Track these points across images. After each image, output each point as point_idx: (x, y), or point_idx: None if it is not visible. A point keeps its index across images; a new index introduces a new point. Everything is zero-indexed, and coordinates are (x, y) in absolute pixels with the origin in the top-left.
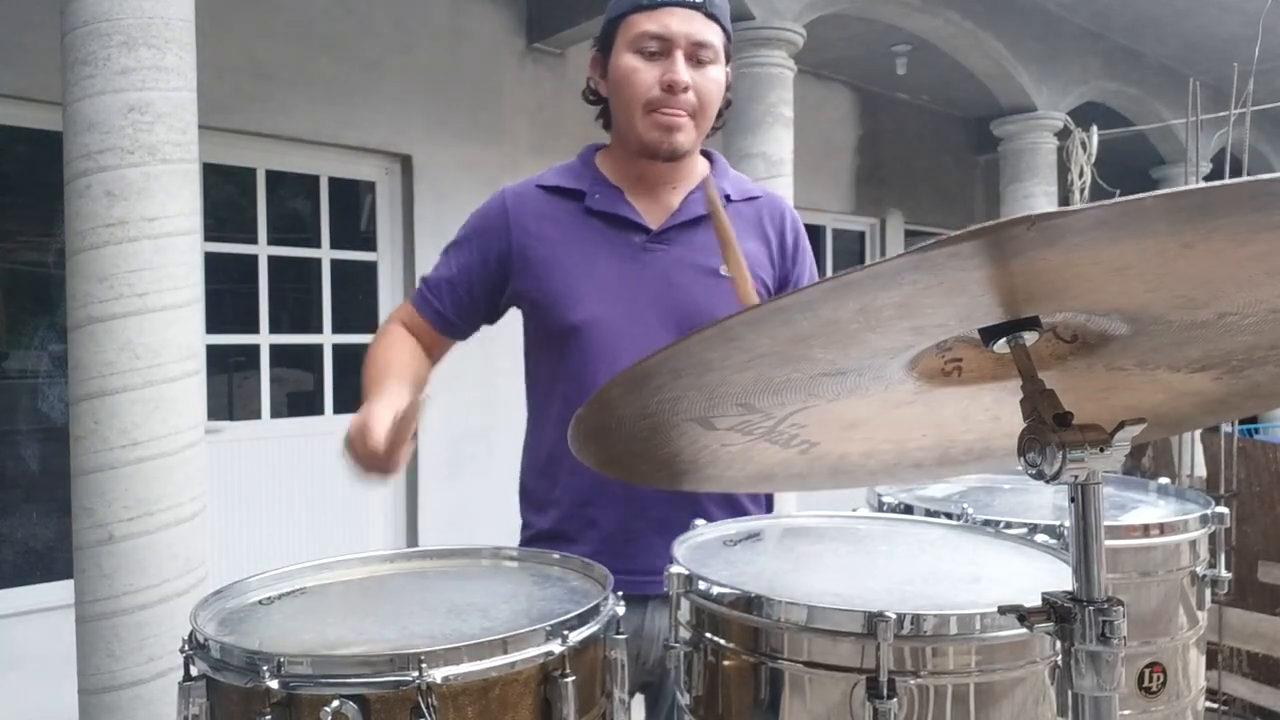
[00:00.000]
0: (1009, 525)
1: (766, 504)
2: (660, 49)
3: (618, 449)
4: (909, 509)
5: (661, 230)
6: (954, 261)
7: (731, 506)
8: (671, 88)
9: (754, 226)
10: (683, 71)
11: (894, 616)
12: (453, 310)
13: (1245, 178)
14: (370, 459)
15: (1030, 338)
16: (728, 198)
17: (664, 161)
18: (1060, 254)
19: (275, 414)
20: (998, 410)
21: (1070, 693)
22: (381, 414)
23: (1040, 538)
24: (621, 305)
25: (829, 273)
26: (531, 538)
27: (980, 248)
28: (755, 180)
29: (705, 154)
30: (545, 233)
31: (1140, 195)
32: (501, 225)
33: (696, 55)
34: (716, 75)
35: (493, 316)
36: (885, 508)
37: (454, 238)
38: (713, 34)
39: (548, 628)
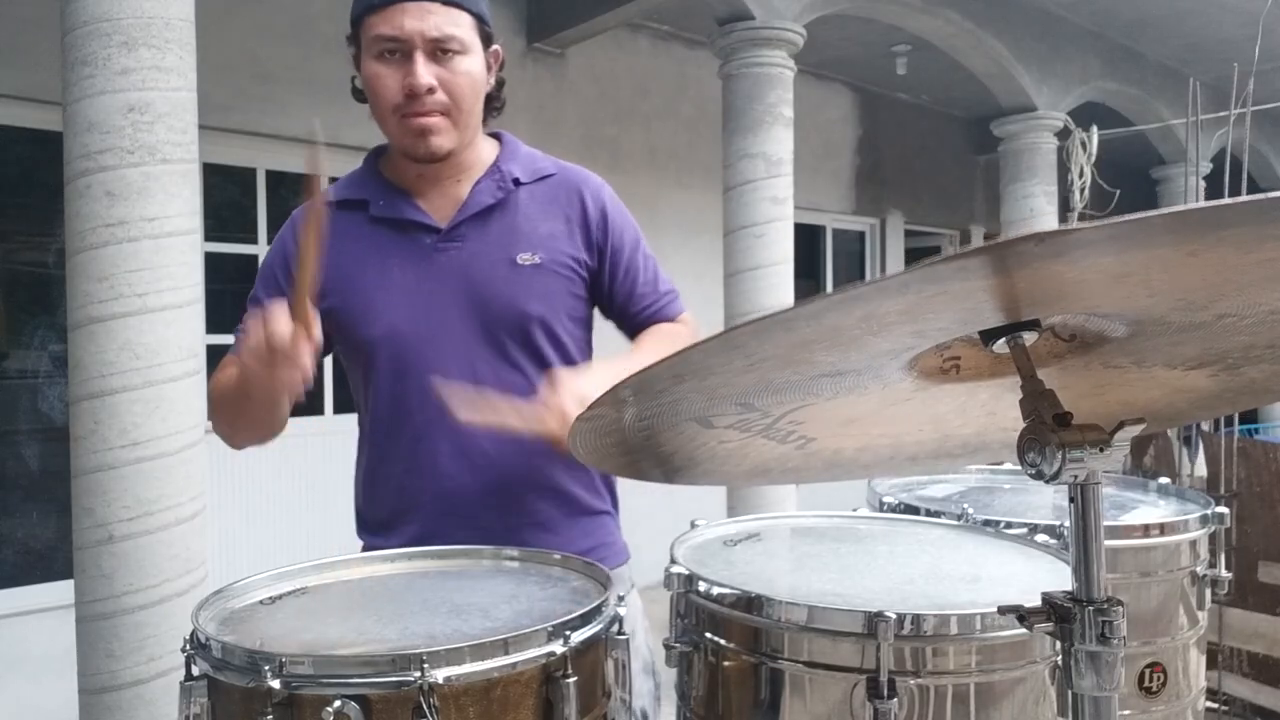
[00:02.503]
0: (1009, 525)
1: (609, 493)
2: (398, 49)
3: (615, 448)
4: (909, 509)
5: (451, 227)
6: (960, 274)
7: (569, 503)
8: (413, 93)
9: (548, 206)
10: (422, 74)
11: (894, 616)
12: None
13: (1255, 196)
14: (279, 350)
15: (1030, 338)
16: (517, 180)
17: (426, 164)
18: (1065, 265)
19: None
20: (994, 405)
21: (1070, 693)
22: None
23: (1040, 538)
24: (420, 311)
25: (829, 272)
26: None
27: (987, 261)
28: (752, 181)
29: (495, 135)
30: (335, 249)
31: (1149, 213)
32: (293, 250)
33: (439, 50)
34: (467, 67)
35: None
36: (885, 508)
37: (258, 277)
38: (455, 24)
39: (549, 628)
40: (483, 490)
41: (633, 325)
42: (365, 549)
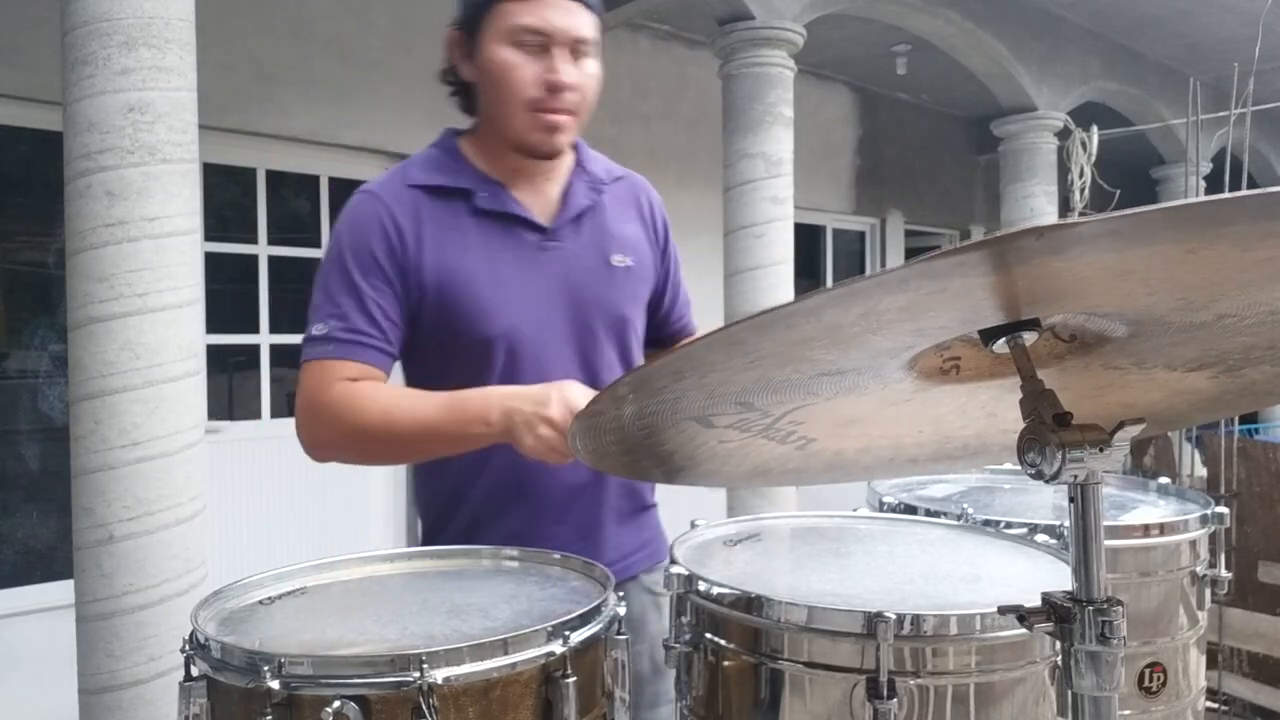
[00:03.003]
0: (1009, 525)
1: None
2: (539, 43)
3: (614, 446)
4: (909, 509)
5: (556, 227)
6: (960, 269)
7: (635, 497)
8: (556, 89)
9: (631, 206)
10: (569, 71)
11: (894, 616)
12: (396, 343)
13: (1256, 190)
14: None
15: (1030, 338)
16: (600, 180)
17: (542, 159)
18: (1065, 261)
19: (275, 414)
20: (994, 407)
21: (1070, 693)
22: (577, 392)
23: (1040, 538)
24: (531, 311)
25: (829, 272)
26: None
27: (987, 256)
28: (753, 181)
29: None
30: (439, 239)
31: (1148, 208)
32: (397, 233)
33: (578, 49)
34: (596, 70)
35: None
36: (885, 508)
37: (341, 265)
38: (591, 27)
39: (549, 628)
40: (575, 487)
41: (666, 335)
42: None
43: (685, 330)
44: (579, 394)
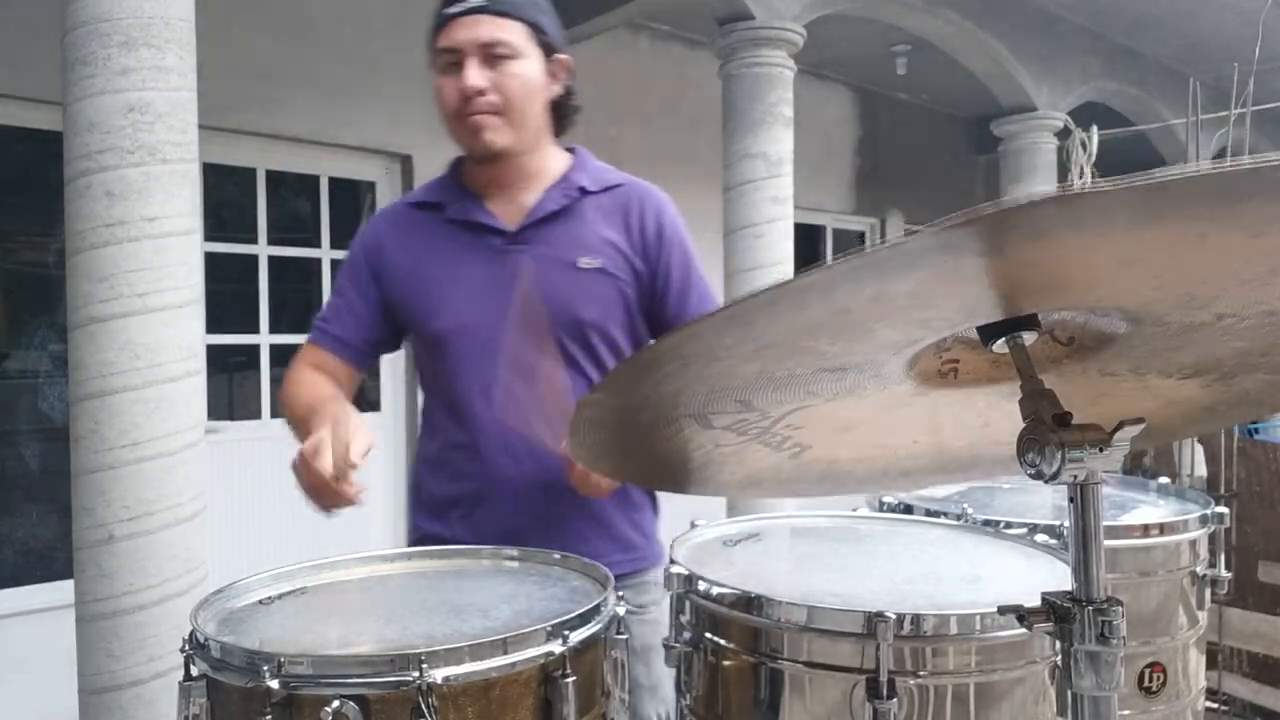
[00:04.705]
0: (1009, 525)
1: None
2: (454, 60)
3: (612, 445)
4: (909, 509)
5: (518, 230)
6: (973, 243)
7: (616, 495)
8: (465, 95)
9: (612, 215)
10: (471, 77)
11: (894, 616)
12: (356, 336)
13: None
14: (321, 487)
15: (1029, 338)
16: (583, 189)
17: (488, 162)
18: (1079, 238)
19: (275, 414)
20: (990, 415)
21: (1070, 693)
22: (329, 439)
23: (1040, 538)
24: (486, 309)
25: None
26: (419, 540)
27: (1005, 228)
28: (753, 181)
29: (570, 149)
30: (411, 246)
31: (1168, 174)
32: (376, 246)
33: (489, 55)
34: (519, 70)
35: (393, 341)
36: (885, 508)
37: (342, 268)
38: (507, 31)
39: (548, 628)
40: (537, 480)
41: None
42: (413, 537)
43: None
44: (324, 435)
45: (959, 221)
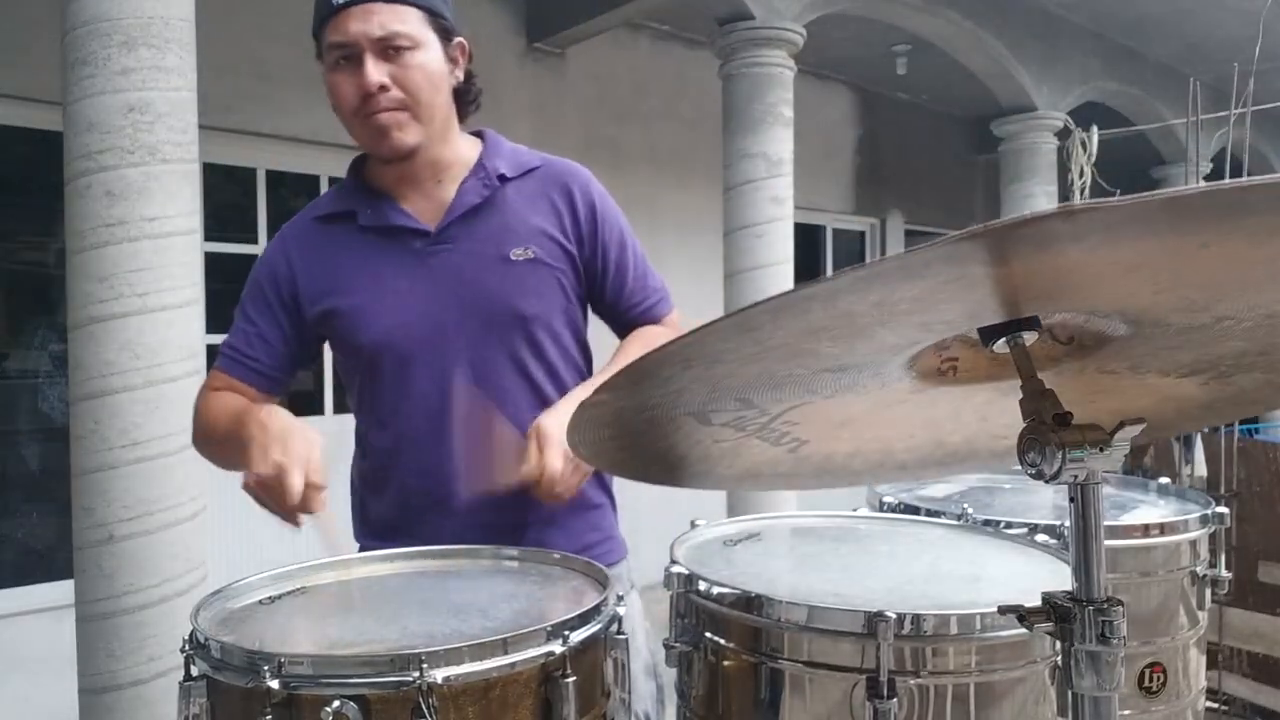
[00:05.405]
0: (1009, 525)
1: (605, 487)
2: (350, 54)
3: (611, 442)
4: (909, 509)
5: (440, 229)
6: (979, 254)
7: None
8: (367, 94)
9: (537, 200)
10: (371, 73)
11: (894, 616)
12: (269, 364)
13: None
14: (290, 507)
15: (1030, 338)
16: (502, 176)
17: (398, 162)
18: (1083, 249)
19: None
20: (987, 410)
21: (1070, 693)
22: (287, 461)
23: (1040, 538)
24: (415, 316)
25: (829, 272)
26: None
27: (1011, 241)
28: (753, 181)
29: (478, 133)
30: (326, 263)
31: (1179, 190)
32: (285, 267)
33: (388, 48)
34: (419, 60)
35: (306, 360)
36: (885, 508)
37: (244, 293)
38: (401, 21)
39: (548, 628)
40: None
41: (622, 323)
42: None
43: (646, 317)
44: (298, 448)
45: (965, 235)
